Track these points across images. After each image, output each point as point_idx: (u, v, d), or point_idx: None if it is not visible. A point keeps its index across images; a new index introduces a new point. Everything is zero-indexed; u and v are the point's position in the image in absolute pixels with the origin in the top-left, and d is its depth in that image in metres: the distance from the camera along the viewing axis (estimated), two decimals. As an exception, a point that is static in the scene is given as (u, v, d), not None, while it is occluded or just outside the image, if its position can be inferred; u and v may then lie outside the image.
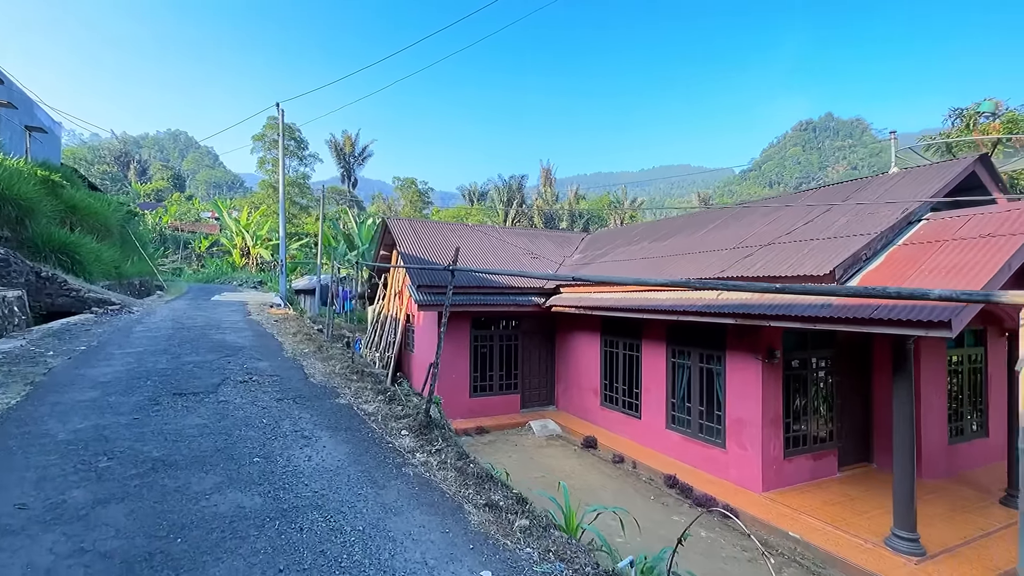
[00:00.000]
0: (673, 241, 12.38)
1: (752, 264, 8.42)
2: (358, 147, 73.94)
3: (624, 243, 14.60)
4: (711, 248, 10.34)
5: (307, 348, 9.67)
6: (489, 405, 13.48)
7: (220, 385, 6.32)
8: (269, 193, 61.12)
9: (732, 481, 8.84)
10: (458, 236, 15.72)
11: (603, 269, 13.09)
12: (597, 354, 12.68)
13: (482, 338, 13.62)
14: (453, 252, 14.71)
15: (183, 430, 4.65)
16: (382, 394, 6.60)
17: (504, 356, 13.86)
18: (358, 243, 33.95)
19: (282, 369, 7.58)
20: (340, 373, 7.69)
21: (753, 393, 8.52)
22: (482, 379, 13.59)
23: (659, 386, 10.63)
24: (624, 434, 11.59)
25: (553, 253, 16.26)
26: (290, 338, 10.83)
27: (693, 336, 9.80)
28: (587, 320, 12.91)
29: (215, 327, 11.78)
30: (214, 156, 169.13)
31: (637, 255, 12.73)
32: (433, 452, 4.77)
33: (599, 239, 17.23)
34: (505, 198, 68.96)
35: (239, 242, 41.63)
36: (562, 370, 14.23)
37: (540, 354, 14.40)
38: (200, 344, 9.24)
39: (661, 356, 10.60)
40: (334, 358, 8.76)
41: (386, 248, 16.77)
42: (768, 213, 10.87)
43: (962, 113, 14.84)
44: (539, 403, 14.35)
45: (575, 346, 13.58)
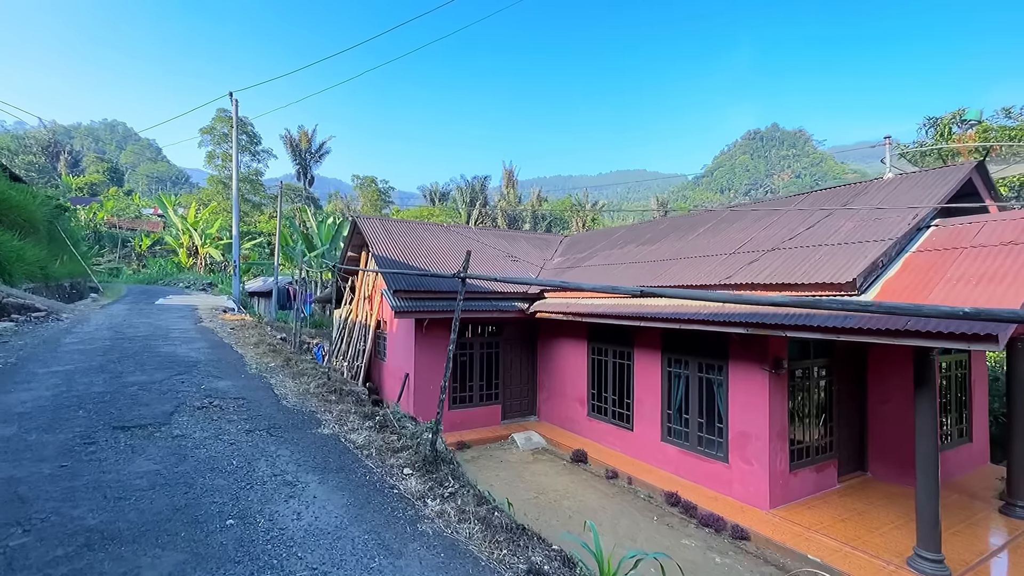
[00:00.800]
0: (663, 245, 11.98)
1: (759, 270, 8.04)
2: (315, 143, 71.05)
3: (607, 246, 14.13)
4: (708, 252, 9.96)
5: (273, 362, 8.59)
6: (469, 417, 12.67)
7: (174, 413, 5.27)
8: (219, 189, 57.93)
9: (736, 497, 8.43)
10: (434, 237, 14.82)
11: (590, 274, 12.55)
12: (584, 362, 12.11)
13: (462, 346, 12.80)
14: (426, 254, 13.81)
15: (128, 481, 3.66)
16: (370, 419, 5.72)
17: (484, 365, 13.09)
18: (317, 243, 32.25)
19: (248, 389, 6.54)
20: (316, 393, 6.73)
21: (759, 405, 8.14)
22: (462, 390, 12.76)
23: (653, 397, 10.16)
24: (615, 447, 11.06)
25: (532, 256, 15.62)
26: (251, 349, 9.68)
27: (692, 345, 9.37)
28: (572, 327, 12.33)
29: (162, 337, 10.44)
30: (156, 149, 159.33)
31: (625, 259, 12.26)
32: (447, 497, 3.97)
33: (578, 242, 16.73)
34: (468, 199, 68.02)
35: (186, 241, 38.86)
36: (544, 379, 13.59)
37: (521, 362, 13.72)
38: (146, 359, 8.00)
39: (656, 365, 10.13)
40: (306, 374, 7.76)
41: (355, 249, 15.65)
42: (761, 217, 10.62)
43: (936, 122, 15.34)
44: (520, 414, 13.65)
45: (559, 354, 12.98)
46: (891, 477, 9.27)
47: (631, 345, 10.76)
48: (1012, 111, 14.06)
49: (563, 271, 13.78)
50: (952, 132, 14.36)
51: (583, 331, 12.10)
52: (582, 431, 12.10)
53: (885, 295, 6.36)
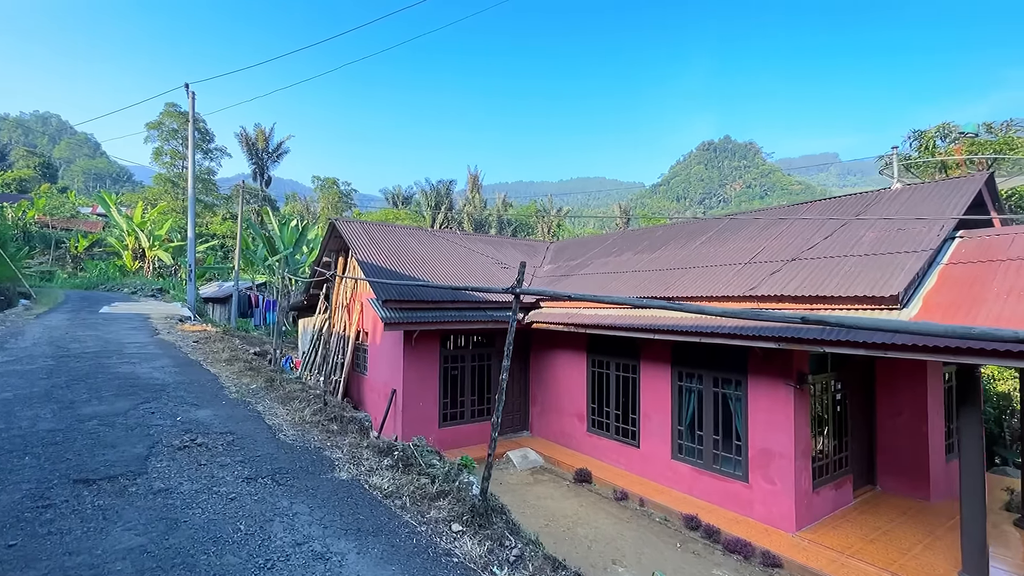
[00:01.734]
0: (665, 253, 11.61)
1: (784, 280, 7.70)
2: (272, 142, 67.99)
3: (602, 254, 13.67)
4: (719, 262, 9.62)
5: (254, 383, 7.57)
6: (461, 435, 11.85)
7: (149, 457, 4.30)
8: (167, 188, 54.56)
9: (758, 519, 8.03)
10: (419, 243, 13.94)
11: (589, 282, 12.02)
12: (583, 375, 11.56)
13: (452, 359, 11.99)
14: (413, 260, 12.93)
15: (106, 565, 2.76)
16: (387, 454, 4.91)
17: (476, 379, 12.32)
18: (280, 246, 30.46)
19: (234, 420, 5.58)
20: (314, 422, 5.84)
21: (783, 422, 7.79)
22: (453, 405, 11.94)
23: (662, 412, 9.70)
24: (619, 464, 10.53)
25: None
26: (225, 368, 8.58)
27: (706, 358, 8.96)
28: (569, 338, 11.76)
29: (116, 353, 9.16)
30: (95, 144, 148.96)
31: (625, 267, 11.82)
32: (515, 563, 3.26)
33: (567, 248, 16.23)
34: (433, 202, 66.92)
35: (131, 243, 35.98)
36: (537, 392, 12.95)
37: (513, 374, 13.02)
38: (101, 382, 6.84)
39: (665, 379, 9.68)
40: (296, 397, 6.81)
41: (330, 254, 14.55)
42: (767, 226, 10.40)
43: (921, 135, 15.82)
44: (512, 429, 12.95)
45: (554, 366, 12.37)
46: (901, 490, 9.15)
47: (637, 358, 10.28)
48: (993, 126, 14.71)
49: (557, 279, 13.21)
50: (936, 145, 14.87)
51: (582, 342, 11.55)
52: (581, 447, 11.53)
53: (929, 310, 6.10)
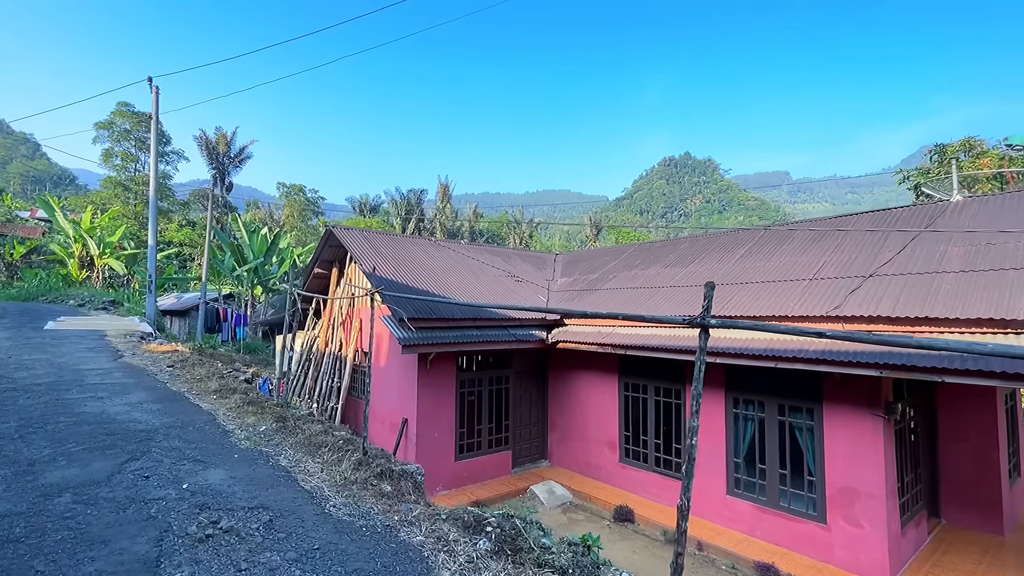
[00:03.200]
0: (700, 268, 10.81)
1: (872, 299, 6.94)
2: (234, 147, 64.84)
3: (623, 267, 12.78)
4: (775, 278, 8.85)
5: (261, 422, 6.17)
6: (479, 468, 10.60)
7: (161, 561, 2.96)
8: (117, 192, 50.97)
9: (840, 566, 7.16)
10: (425, 253, 12.67)
11: (620, 299, 11.05)
12: (614, 399, 10.55)
13: (469, 383, 10.75)
14: (423, 272, 11.65)
15: None
16: (478, 532, 3.71)
17: (493, 404, 11.12)
18: (249, 255, 28.32)
19: (258, 484, 4.24)
20: (360, 480, 4.55)
21: (871, 457, 6.98)
22: (469, 435, 10.68)
23: (714, 442, 8.79)
24: (661, 499, 9.53)
25: (533, 275, 13.93)
26: (218, 401, 7.09)
27: (767, 383, 8.12)
28: (597, 358, 10.74)
29: (76, 384, 7.51)
30: (34, 145, 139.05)
31: (659, 281, 10.94)
32: None
33: (578, 261, 15.28)
34: (403, 212, 65.40)
35: (78, 250, 32.81)
36: (557, 417, 11.85)
37: (531, 398, 11.89)
38: (65, 428, 5.31)
39: (717, 405, 8.78)
40: (323, 443, 5.48)
41: (324, 265, 13.08)
42: (814, 239, 9.75)
43: (943, 149, 15.79)
44: (530, 459, 11.77)
45: (578, 389, 11.32)
46: (971, 523, 8.51)
47: (682, 382, 9.36)
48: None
49: (578, 295, 12.21)
50: (958, 160, 14.84)
51: (612, 364, 10.56)
52: (612, 479, 10.47)
53: (1066, 333, 5.41)
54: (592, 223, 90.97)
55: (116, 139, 53.41)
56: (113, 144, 53.27)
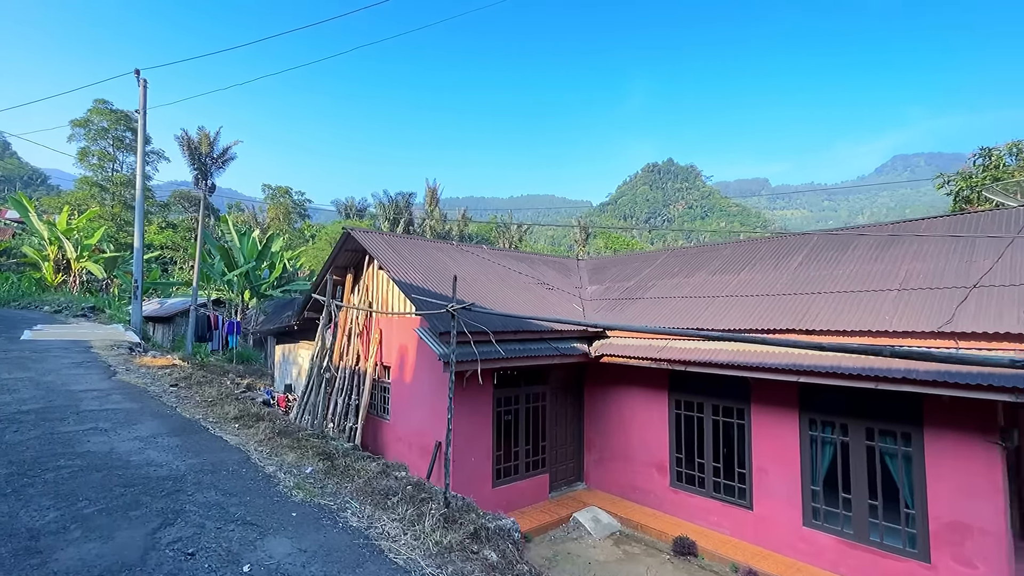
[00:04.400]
0: (753, 276, 10.08)
1: (991, 313, 6.24)
2: (217, 147, 62.83)
3: (662, 274, 11.99)
4: (851, 288, 8.14)
5: (304, 460, 5.17)
6: (516, 495, 9.66)
7: None
8: (94, 193, 48.88)
9: (948, 610, 6.43)
10: (451, 258, 11.71)
11: (670, 309, 10.21)
12: (663, 418, 9.73)
13: (506, 401, 9.83)
14: (451, 279, 10.72)
15: None
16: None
17: (530, 423, 10.20)
18: (239, 259, 26.94)
19: (340, 562, 3.27)
20: (459, 547, 3.62)
21: (986, 489, 6.27)
22: (506, 458, 9.74)
23: (787, 466, 8.02)
24: (722, 529, 8.72)
25: (561, 282, 13.06)
26: (244, 432, 6.05)
27: (850, 403, 7.38)
28: (643, 373, 9.91)
29: (72, 410, 6.39)
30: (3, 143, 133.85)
31: (710, 290, 10.16)
32: None
33: (605, 267, 14.46)
34: (391, 215, 64.28)
35: (53, 253, 30.96)
36: (595, 436, 10.97)
37: (566, 416, 11.01)
38: (69, 477, 4.26)
39: (789, 427, 8.02)
40: (392, 492, 4.51)
41: (338, 271, 12.02)
42: (883, 246, 9.09)
43: (989, 152, 15.41)
44: (566, 481, 10.87)
45: (620, 406, 10.47)
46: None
47: (746, 400, 8.58)
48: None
49: (618, 303, 11.37)
50: (1005, 164, 14.46)
51: (661, 379, 9.74)
52: (662, 505, 9.63)
53: None
54: (581, 227, 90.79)
55: (93, 138, 51.34)
56: (90, 143, 51.17)
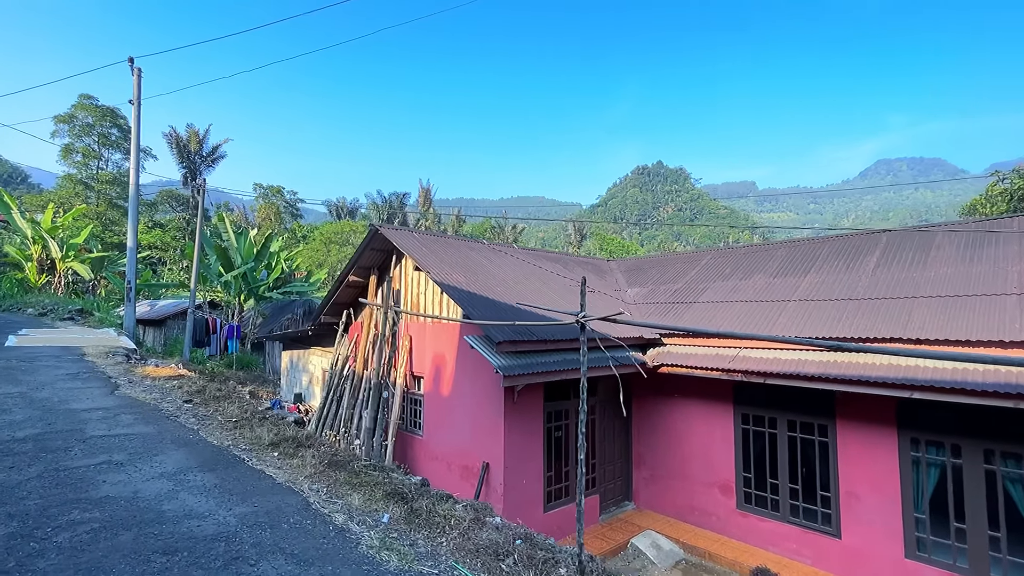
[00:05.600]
0: (823, 277, 9.30)
1: None
2: (207, 145, 61.32)
3: (712, 276, 11.16)
4: (953, 292, 7.37)
5: (375, 504, 4.22)
6: (567, 519, 8.74)
7: None
8: (78, 191, 47.18)
9: (1095, 659, 5.65)
10: (486, 259, 10.78)
11: (732, 314, 9.37)
12: (728, 433, 8.89)
13: (556, 415, 8.92)
14: (494, 281, 9.72)
15: None
16: None
17: (579, 439, 9.30)
18: (237, 259, 25.70)
19: None
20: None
21: None
22: (557, 479, 8.83)
23: (882, 490, 7.21)
24: (803, 558, 7.89)
25: (599, 285, 12.19)
26: (283, 461, 5.07)
27: (964, 420, 6.59)
28: (702, 384, 9.08)
29: (76, 437, 5.35)
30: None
31: (778, 294, 9.34)
32: None
33: (644, 269, 13.60)
34: (385, 216, 63.18)
35: (36, 252, 29.40)
36: (645, 452, 10.11)
37: (614, 430, 10.13)
38: (86, 539, 3.23)
39: (886, 446, 7.21)
40: (501, 550, 3.58)
41: (360, 272, 11.02)
42: (974, 245, 8.36)
43: None
44: (614, 501, 9.99)
45: (676, 419, 9.62)
46: None
47: (829, 415, 7.77)
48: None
49: (671, 307, 10.52)
50: None
51: (723, 391, 8.91)
52: (728, 530, 8.79)
53: None
54: (576, 229, 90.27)
55: (77, 134, 49.59)
56: (74, 139, 49.41)
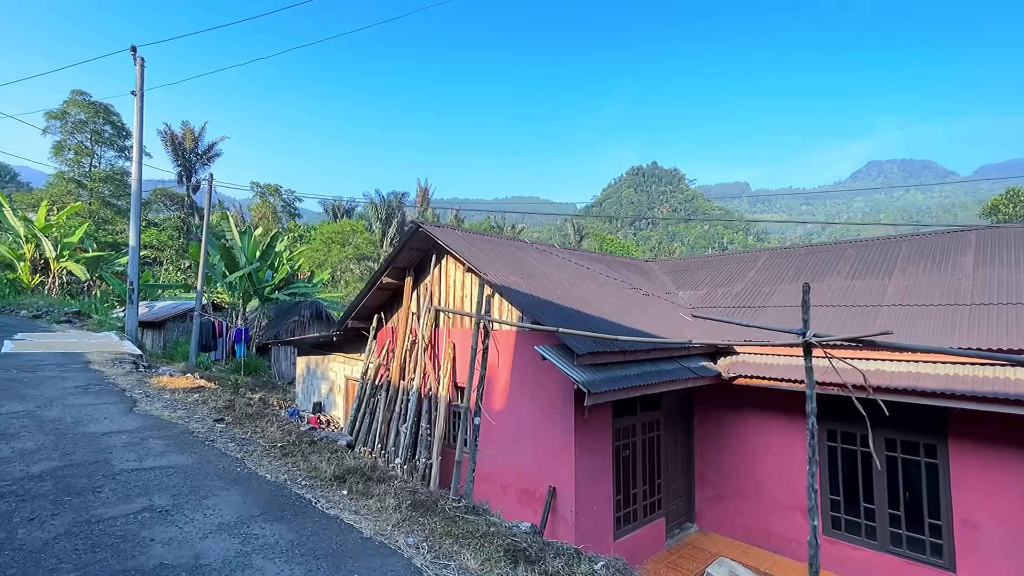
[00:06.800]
0: (912, 279, 8.54)
1: None
2: (203, 143, 60.06)
3: (775, 278, 10.36)
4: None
5: (494, 566, 3.35)
6: (635, 546, 7.91)
7: None
8: (70, 189, 45.96)
9: None
10: (532, 258, 9.92)
11: (816, 320, 8.57)
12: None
13: (624, 432, 8.08)
14: (557, 285, 8.71)
15: None
16: None
17: (645, 457, 8.48)
18: (241, 259, 24.64)
19: None
20: None
21: None
22: (626, 503, 7.99)
23: (1010, 522, 6.44)
24: (906, 592, 7.11)
25: (647, 286, 11.36)
26: (357, 502, 4.18)
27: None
28: (777, 396, 8.29)
29: (102, 471, 4.42)
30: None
31: (864, 298, 8.54)
32: None
33: (689, 270, 12.80)
34: (383, 215, 62.20)
35: (29, 251, 28.15)
36: (709, 470, 9.30)
37: (676, 446, 9.32)
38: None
39: (1015, 470, 6.44)
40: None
41: (395, 273, 10.12)
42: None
43: None
44: (677, 523, 9.17)
45: (745, 434, 8.81)
46: None
47: (939, 434, 6.99)
48: None
49: (737, 311, 9.71)
50: None
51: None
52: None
53: None
54: (575, 229, 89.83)
55: (69, 131, 48.35)
56: (66, 136, 48.14)
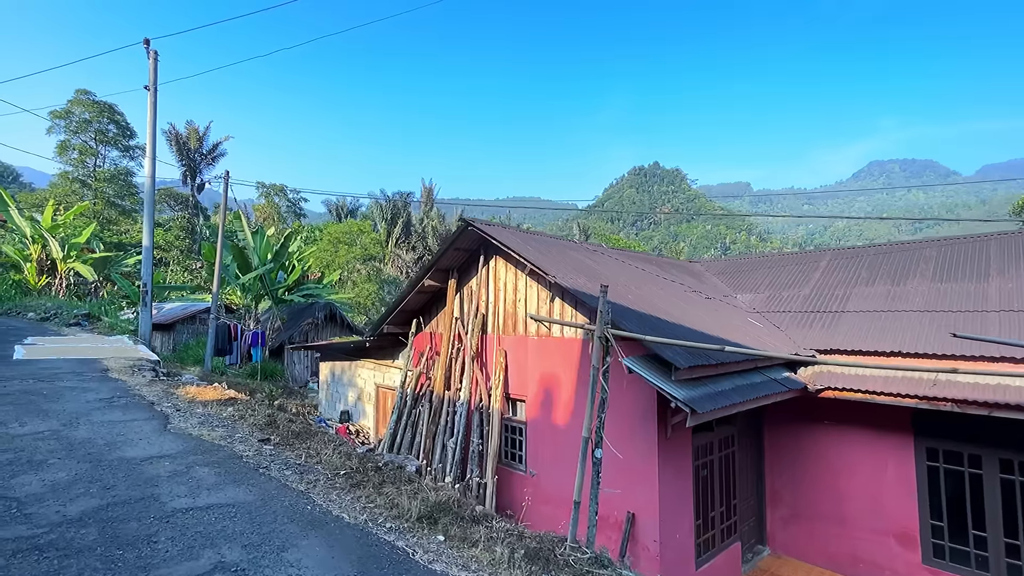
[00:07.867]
0: (1010, 283, 7.83)
1: None
2: (207, 143, 59.40)
3: (849, 282, 9.62)
4: None
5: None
6: (718, 575, 7.20)
7: None
8: (75, 189, 45.41)
9: None
10: (588, 258, 9.21)
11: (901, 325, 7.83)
12: (908, 471, 7.37)
13: (703, 450, 7.36)
14: (626, 289, 7.59)
15: None
16: None
17: (722, 476, 7.76)
18: (254, 260, 23.93)
19: None
20: None
21: None
22: (705, 527, 7.26)
23: None
24: (1029, 631, 6.38)
25: (702, 288, 10.63)
26: (462, 552, 3.47)
27: None
28: (863, 410, 7.56)
29: (153, 514, 3.70)
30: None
31: (961, 303, 7.82)
32: None
33: (742, 271, 12.08)
34: (389, 216, 61.63)
35: (36, 252, 27.47)
36: (784, 489, 8.57)
37: (747, 464, 8.59)
38: None
39: None
40: None
41: (437, 275, 9.40)
42: None
43: None
44: (748, 546, 8.44)
45: (827, 451, 8.09)
46: None
47: (1068, 454, 6.27)
48: None
49: (810, 316, 8.98)
50: None
51: (899, 419, 7.39)
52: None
53: None
54: (581, 230, 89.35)
55: (74, 131, 47.79)
56: (70, 136, 47.55)
